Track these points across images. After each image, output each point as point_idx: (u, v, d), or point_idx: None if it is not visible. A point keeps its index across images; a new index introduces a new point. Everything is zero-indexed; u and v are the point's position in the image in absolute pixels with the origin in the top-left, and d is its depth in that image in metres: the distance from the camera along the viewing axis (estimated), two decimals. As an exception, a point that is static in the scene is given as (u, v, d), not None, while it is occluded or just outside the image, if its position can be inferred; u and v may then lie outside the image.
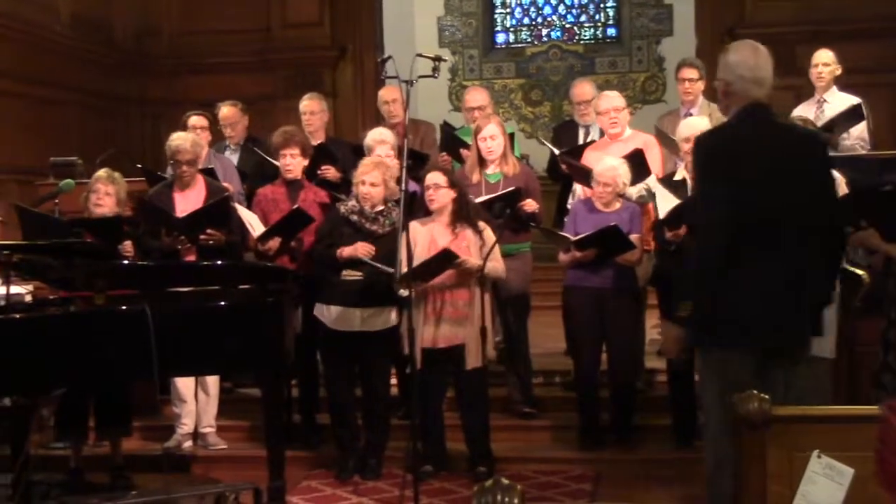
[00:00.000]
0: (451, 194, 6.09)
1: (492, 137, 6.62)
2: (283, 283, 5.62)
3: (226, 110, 7.92)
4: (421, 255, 5.93)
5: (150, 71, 11.31)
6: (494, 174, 6.67)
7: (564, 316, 6.68)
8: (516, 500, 2.08)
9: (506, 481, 2.14)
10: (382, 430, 6.33)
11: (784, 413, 3.45)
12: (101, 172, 6.59)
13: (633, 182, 6.50)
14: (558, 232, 6.56)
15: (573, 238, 6.25)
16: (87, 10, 10.43)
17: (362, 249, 6.02)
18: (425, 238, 6.02)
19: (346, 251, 6.06)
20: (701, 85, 7.38)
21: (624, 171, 6.36)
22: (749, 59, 4.19)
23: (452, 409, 6.39)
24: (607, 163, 6.43)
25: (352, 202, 6.23)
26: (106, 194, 6.42)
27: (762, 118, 4.15)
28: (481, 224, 6.16)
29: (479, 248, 6.06)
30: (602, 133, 7.26)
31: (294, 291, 5.71)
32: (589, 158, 6.82)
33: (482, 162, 6.66)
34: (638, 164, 6.53)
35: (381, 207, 6.18)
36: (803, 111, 7.37)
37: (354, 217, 6.16)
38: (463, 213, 6.12)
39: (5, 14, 9.05)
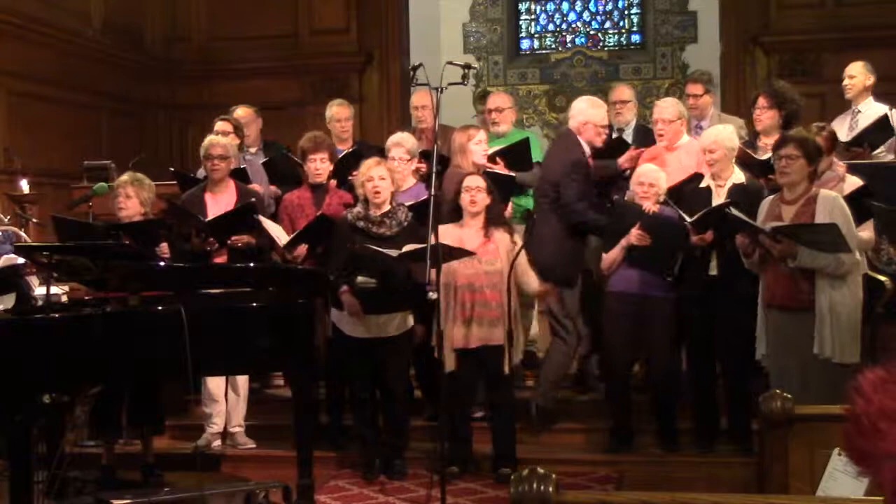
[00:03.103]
0: (488, 199, 6.19)
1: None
2: (315, 285, 5.72)
3: (240, 111, 8.03)
4: None
5: (179, 76, 11.43)
6: None
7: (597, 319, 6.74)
8: (551, 489, 2.16)
9: (541, 470, 2.23)
10: (401, 431, 6.44)
11: (806, 412, 3.53)
12: (125, 176, 6.65)
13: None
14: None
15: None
16: (118, 16, 10.57)
17: (351, 311, 6.12)
18: (454, 242, 6.10)
19: (345, 301, 6.14)
20: (707, 99, 7.42)
21: (664, 176, 6.41)
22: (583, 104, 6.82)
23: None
24: (649, 165, 6.50)
25: (357, 208, 6.29)
26: (126, 197, 6.47)
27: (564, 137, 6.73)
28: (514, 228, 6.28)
29: (508, 251, 6.14)
30: (640, 136, 7.38)
31: (326, 294, 5.80)
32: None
33: None
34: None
35: (387, 208, 6.25)
36: (838, 122, 7.34)
37: (361, 223, 6.22)
38: (495, 219, 6.22)
39: (40, 21, 9.19)
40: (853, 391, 1.22)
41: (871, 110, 7.45)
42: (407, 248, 5.91)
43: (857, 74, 7.54)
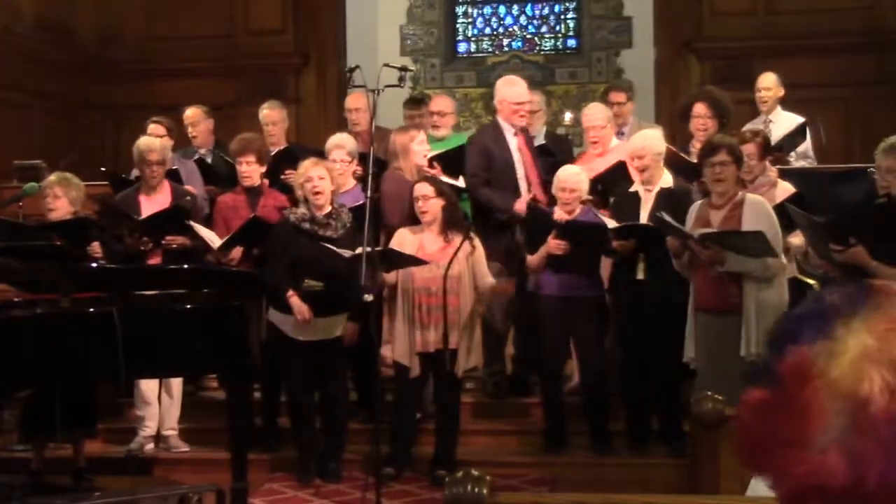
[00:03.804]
0: (441, 203, 6.16)
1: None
2: (250, 287, 5.69)
3: (189, 112, 8.03)
4: None
5: (113, 75, 11.27)
6: None
7: (525, 321, 6.77)
8: (485, 490, 2.18)
9: (475, 472, 2.25)
10: (340, 433, 6.42)
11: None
12: (53, 177, 6.61)
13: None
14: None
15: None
16: (50, 13, 10.40)
17: (302, 315, 6.06)
18: (414, 246, 6.09)
19: (294, 305, 6.09)
20: (630, 106, 7.72)
21: (584, 178, 6.44)
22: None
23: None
24: (570, 169, 6.48)
25: (301, 210, 6.23)
26: (55, 197, 6.42)
27: None
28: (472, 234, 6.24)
29: (467, 254, 6.10)
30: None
31: (260, 296, 5.77)
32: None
33: None
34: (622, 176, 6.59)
35: (329, 209, 6.21)
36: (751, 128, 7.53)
37: (307, 225, 6.16)
38: (453, 221, 6.20)
39: (-33, 17, 9.04)
40: (739, 407, 1.17)
41: (781, 119, 7.78)
42: (360, 250, 5.88)
43: (772, 86, 7.89)
